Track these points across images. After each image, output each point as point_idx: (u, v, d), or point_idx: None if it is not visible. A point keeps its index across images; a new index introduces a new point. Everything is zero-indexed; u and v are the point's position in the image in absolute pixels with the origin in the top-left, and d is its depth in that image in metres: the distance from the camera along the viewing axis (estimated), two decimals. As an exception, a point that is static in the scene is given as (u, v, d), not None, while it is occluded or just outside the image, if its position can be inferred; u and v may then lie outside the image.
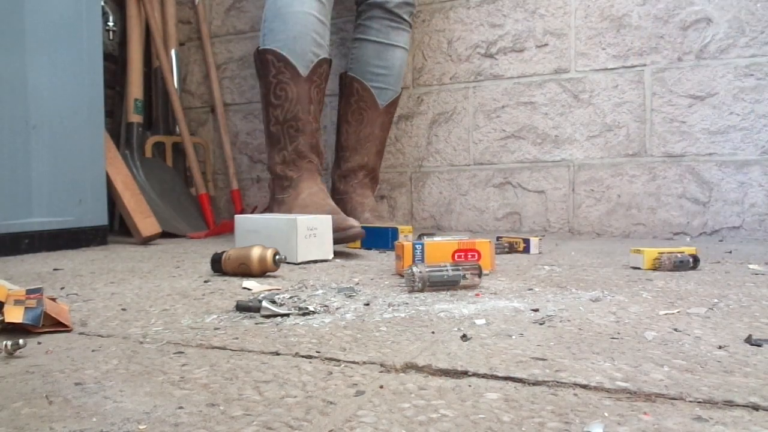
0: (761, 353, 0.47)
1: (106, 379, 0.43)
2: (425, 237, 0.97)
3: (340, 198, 1.60)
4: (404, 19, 1.54)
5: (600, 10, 1.59)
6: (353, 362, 0.47)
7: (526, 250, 1.22)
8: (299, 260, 1.09)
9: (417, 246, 0.92)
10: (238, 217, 1.23)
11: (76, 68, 1.44)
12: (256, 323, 0.61)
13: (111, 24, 1.94)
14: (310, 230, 1.11)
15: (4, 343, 0.50)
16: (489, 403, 0.38)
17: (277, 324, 0.60)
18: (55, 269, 1.05)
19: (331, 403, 0.38)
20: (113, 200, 1.59)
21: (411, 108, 1.82)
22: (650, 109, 1.55)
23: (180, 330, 0.59)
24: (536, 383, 0.41)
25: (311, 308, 0.66)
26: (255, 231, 1.18)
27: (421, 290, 0.77)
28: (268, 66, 1.32)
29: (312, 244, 1.11)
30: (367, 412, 0.36)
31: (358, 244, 1.36)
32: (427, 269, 0.77)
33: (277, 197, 1.37)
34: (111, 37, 1.96)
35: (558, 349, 0.49)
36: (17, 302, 0.58)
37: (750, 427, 0.33)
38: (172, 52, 2.02)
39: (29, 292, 0.60)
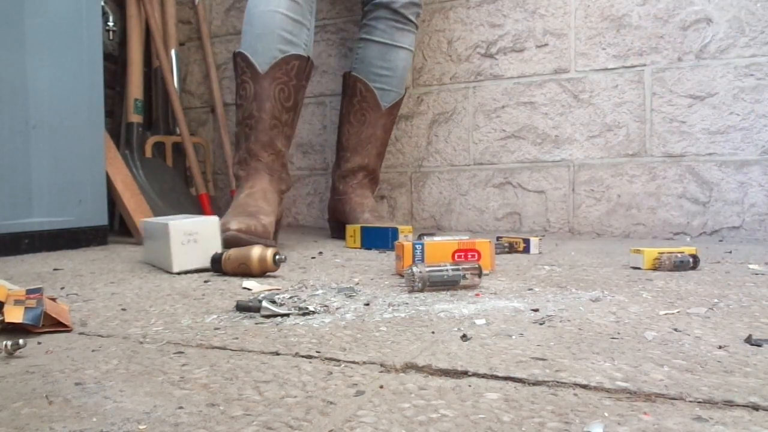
0: (761, 353, 0.47)
1: (106, 379, 0.43)
2: (425, 237, 0.97)
3: (340, 198, 1.60)
4: (410, 20, 1.52)
5: (600, 10, 1.59)
6: (353, 362, 0.47)
7: (526, 250, 1.22)
8: (175, 269, 0.97)
9: (417, 246, 0.92)
10: (143, 222, 1.15)
11: (76, 68, 1.44)
12: (256, 323, 0.61)
13: (111, 24, 1.94)
14: (189, 235, 0.98)
15: (4, 343, 0.50)
16: (489, 403, 0.38)
17: (277, 324, 0.60)
18: (55, 269, 1.05)
19: (331, 403, 0.38)
20: (113, 200, 1.59)
21: (411, 108, 1.82)
22: (650, 109, 1.55)
23: (180, 330, 0.59)
24: (536, 383, 0.41)
25: (311, 308, 0.66)
26: (151, 237, 1.08)
27: (421, 290, 0.77)
28: (237, 69, 1.33)
29: (193, 250, 0.98)
30: (367, 412, 0.36)
31: (358, 244, 1.36)
32: (427, 269, 0.77)
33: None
34: (111, 37, 1.96)
35: (558, 349, 0.49)
36: (17, 302, 0.58)
37: (750, 427, 0.33)
38: (172, 52, 2.02)
39: (29, 292, 0.60)
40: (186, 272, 0.99)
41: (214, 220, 1.02)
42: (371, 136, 1.57)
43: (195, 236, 0.98)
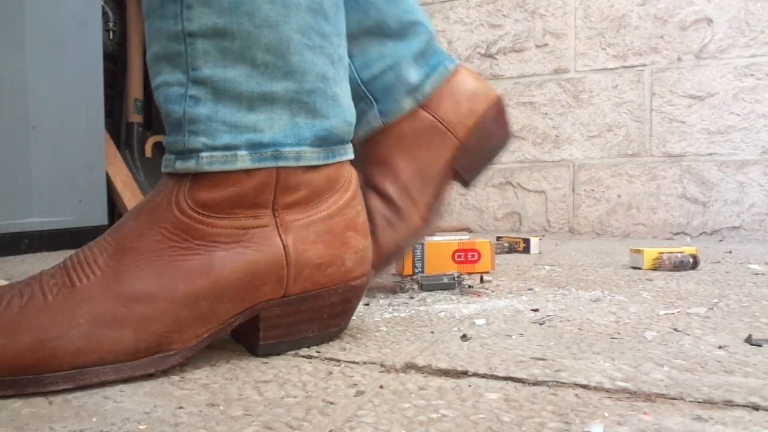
0: (761, 353, 0.47)
1: (106, 379, 0.43)
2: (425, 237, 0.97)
3: None
4: None
5: (600, 10, 1.59)
6: (353, 362, 0.47)
7: (526, 250, 1.22)
8: None
9: (417, 246, 0.91)
10: None
11: (76, 68, 1.44)
12: (256, 323, 0.61)
13: (111, 24, 1.94)
14: None
15: (4, 343, 0.50)
16: (489, 403, 0.38)
17: (277, 324, 0.60)
18: (55, 269, 1.05)
19: (331, 403, 0.38)
20: (113, 200, 1.59)
21: (411, 108, 1.82)
22: (650, 109, 1.55)
23: (180, 330, 0.58)
24: (536, 383, 0.41)
25: (311, 308, 0.66)
26: None
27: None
28: None
29: None
30: (367, 412, 0.36)
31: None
32: (424, 281, 0.78)
33: None
34: (111, 37, 1.96)
35: (558, 349, 0.49)
36: (17, 302, 0.58)
37: (750, 428, 0.33)
38: (172, 52, 2.02)
39: (29, 292, 0.60)
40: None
41: None
42: None
43: None
